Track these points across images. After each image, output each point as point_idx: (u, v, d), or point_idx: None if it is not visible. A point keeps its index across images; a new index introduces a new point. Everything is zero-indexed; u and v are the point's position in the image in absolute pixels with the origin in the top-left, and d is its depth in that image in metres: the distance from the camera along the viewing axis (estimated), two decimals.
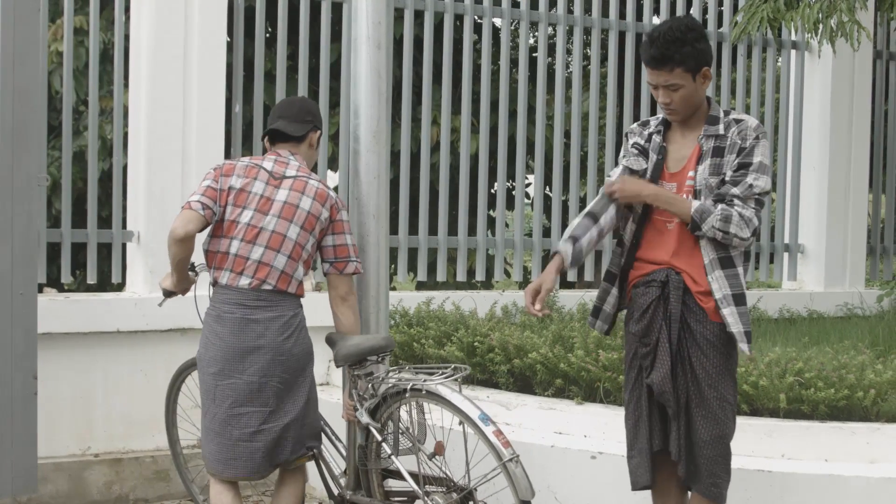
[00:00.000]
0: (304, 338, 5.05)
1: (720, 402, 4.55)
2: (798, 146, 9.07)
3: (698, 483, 4.58)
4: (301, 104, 5.29)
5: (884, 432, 5.56)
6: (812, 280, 9.10)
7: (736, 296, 4.55)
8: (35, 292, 5.23)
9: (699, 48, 4.54)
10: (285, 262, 4.95)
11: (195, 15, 7.10)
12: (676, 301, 4.59)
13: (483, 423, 4.59)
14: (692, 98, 4.60)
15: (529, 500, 4.52)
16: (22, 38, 5.10)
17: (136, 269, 7.13)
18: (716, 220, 4.48)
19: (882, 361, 6.13)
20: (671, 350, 4.57)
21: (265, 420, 4.91)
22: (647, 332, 4.64)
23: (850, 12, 7.02)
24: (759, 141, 4.57)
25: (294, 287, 5.00)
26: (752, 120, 4.62)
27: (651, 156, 4.73)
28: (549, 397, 6.24)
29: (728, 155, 4.58)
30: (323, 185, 5.12)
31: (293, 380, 4.98)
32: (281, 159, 5.11)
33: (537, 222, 8.51)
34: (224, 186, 4.99)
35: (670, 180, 4.68)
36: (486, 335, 6.69)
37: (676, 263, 4.62)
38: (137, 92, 7.13)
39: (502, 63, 8.36)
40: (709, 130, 4.63)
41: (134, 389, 6.82)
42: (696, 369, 4.55)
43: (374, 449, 5.04)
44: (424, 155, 8.04)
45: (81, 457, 6.73)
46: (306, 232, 5.00)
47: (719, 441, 4.56)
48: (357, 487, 5.15)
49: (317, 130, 5.27)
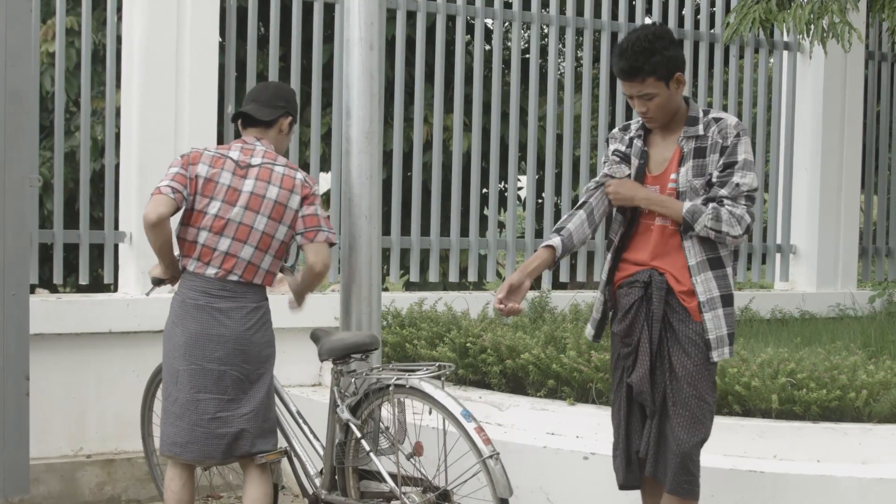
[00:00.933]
0: (268, 331, 5.09)
1: (698, 401, 4.55)
2: (790, 147, 9.08)
3: (671, 481, 4.57)
4: (275, 89, 5.30)
5: (876, 433, 5.56)
6: (804, 281, 9.11)
7: (724, 297, 4.56)
8: (27, 293, 5.22)
9: (668, 55, 4.54)
10: (252, 252, 4.99)
11: (187, 16, 7.10)
12: (659, 301, 4.60)
13: (465, 419, 4.60)
14: (668, 105, 4.61)
15: (507, 499, 4.53)
16: (14, 39, 5.09)
17: (128, 270, 7.12)
18: (707, 220, 4.49)
19: (874, 362, 6.14)
20: (651, 350, 4.59)
21: (223, 408, 4.96)
22: (628, 332, 4.66)
23: (842, 13, 7.03)
24: (740, 138, 4.58)
25: (261, 277, 5.04)
26: (730, 118, 4.63)
27: (633, 160, 4.73)
28: (541, 398, 6.24)
29: (710, 155, 4.58)
30: (290, 168, 5.11)
31: (253, 371, 5.02)
32: (247, 146, 5.13)
33: (530, 223, 8.51)
34: (192, 174, 5.03)
35: (653, 183, 4.68)
36: (479, 336, 6.69)
37: (659, 264, 4.63)
38: (130, 92, 7.12)
39: (494, 64, 8.36)
40: (688, 132, 4.62)
41: (126, 390, 6.80)
42: (675, 368, 4.55)
43: (352, 446, 5.04)
44: (417, 156, 8.03)
45: (73, 458, 6.72)
46: (275, 221, 5.02)
47: (693, 441, 4.56)
48: (332, 488, 5.14)
49: (288, 116, 5.25)
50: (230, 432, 4.97)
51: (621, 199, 4.68)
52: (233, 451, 5.01)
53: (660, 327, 4.59)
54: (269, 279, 5.08)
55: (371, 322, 5.41)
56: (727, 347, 4.57)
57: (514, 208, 8.40)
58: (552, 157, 8.37)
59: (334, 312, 6.27)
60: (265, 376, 5.07)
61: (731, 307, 4.58)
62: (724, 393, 5.80)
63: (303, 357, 6.71)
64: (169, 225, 4.97)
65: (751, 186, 4.55)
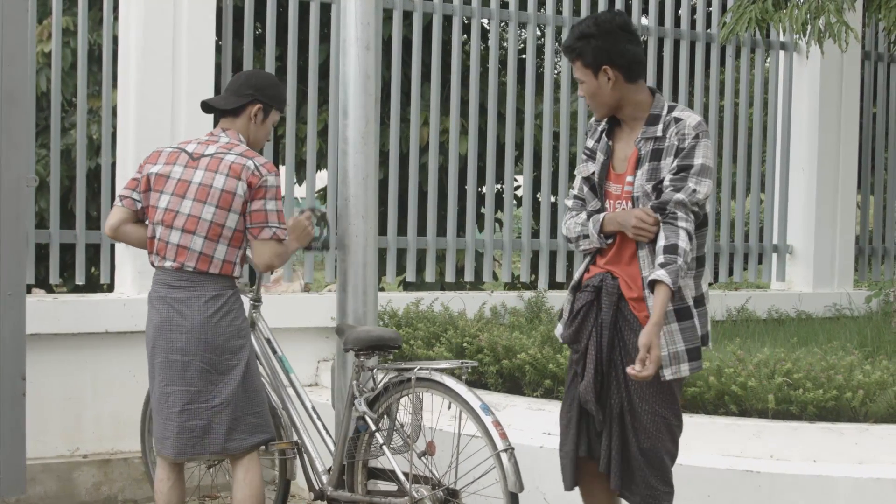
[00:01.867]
0: (234, 319, 5.00)
1: (652, 416, 4.36)
2: (786, 147, 9.08)
3: (635, 494, 4.43)
4: (245, 78, 5.24)
5: (872, 433, 5.57)
6: (801, 281, 9.11)
7: (679, 311, 4.33)
8: (23, 293, 5.22)
9: (598, 45, 4.37)
10: (202, 243, 4.95)
11: (184, 15, 7.09)
12: (608, 307, 4.42)
13: (484, 413, 4.65)
14: (598, 95, 4.44)
15: (517, 494, 4.54)
16: (11, 39, 5.09)
17: (124, 270, 7.12)
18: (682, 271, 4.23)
19: (870, 362, 6.14)
20: (598, 358, 4.42)
21: (190, 400, 4.93)
22: (575, 338, 4.51)
23: (838, 13, 7.04)
24: (699, 140, 4.33)
25: (217, 267, 4.97)
26: (692, 118, 4.38)
27: (598, 156, 4.55)
28: (537, 398, 6.24)
29: (666, 158, 4.35)
30: (244, 156, 5.00)
31: (221, 361, 4.95)
32: (211, 138, 5.12)
33: (526, 223, 8.51)
34: (144, 174, 5.07)
35: (616, 181, 4.50)
36: (475, 336, 6.69)
37: (614, 268, 4.45)
38: (126, 92, 7.12)
39: (491, 63, 8.36)
40: (647, 132, 4.41)
41: (123, 390, 6.80)
42: (628, 380, 4.35)
43: (366, 440, 5.06)
44: (413, 155, 8.03)
45: (70, 458, 6.71)
46: (223, 210, 4.95)
47: (652, 454, 4.38)
48: (339, 486, 5.16)
49: (256, 103, 5.14)
50: (199, 425, 4.93)
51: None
52: (206, 445, 4.96)
53: (610, 335, 4.41)
54: (229, 268, 4.99)
55: (367, 322, 5.41)
56: (685, 364, 4.33)
57: (510, 207, 8.40)
58: (549, 155, 8.36)
59: (331, 312, 6.28)
60: (237, 368, 4.97)
61: (689, 320, 4.34)
62: (721, 393, 5.80)
63: (299, 357, 6.70)
64: (131, 229, 5.12)
65: (706, 195, 4.31)
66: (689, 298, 4.36)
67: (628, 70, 4.42)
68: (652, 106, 4.45)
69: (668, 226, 4.28)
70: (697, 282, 4.41)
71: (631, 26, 4.47)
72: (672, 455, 4.45)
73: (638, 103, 4.46)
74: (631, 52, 4.42)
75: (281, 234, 5.01)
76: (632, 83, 4.45)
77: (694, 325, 4.36)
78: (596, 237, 4.48)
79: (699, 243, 4.40)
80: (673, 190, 4.30)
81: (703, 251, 4.44)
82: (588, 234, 4.51)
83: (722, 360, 6.00)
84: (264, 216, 4.97)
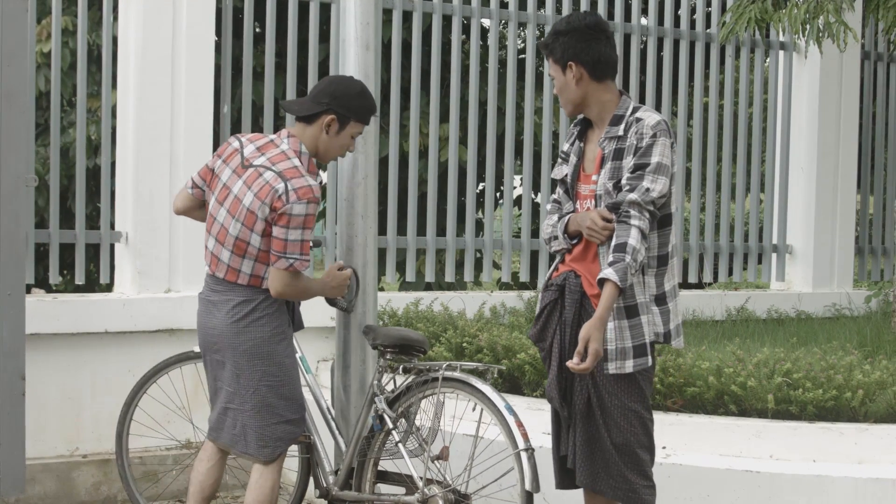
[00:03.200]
0: (263, 326, 4.93)
1: (622, 410, 4.43)
2: (786, 147, 9.08)
3: (613, 489, 4.49)
4: (326, 84, 5.06)
5: (872, 433, 5.57)
6: (800, 281, 9.11)
7: (628, 308, 4.40)
8: (23, 293, 5.22)
9: (566, 41, 4.50)
10: (229, 256, 4.93)
11: (183, 15, 7.09)
12: (571, 305, 4.51)
13: (507, 413, 4.73)
14: (565, 91, 4.56)
15: (534, 494, 4.61)
16: (10, 39, 5.09)
17: (124, 270, 7.12)
18: (632, 270, 4.30)
19: (870, 362, 6.15)
20: (561, 356, 4.50)
21: (229, 399, 5.00)
22: (540, 336, 4.62)
23: (837, 13, 7.04)
24: (657, 139, 4.39)
25: (245, 280, 4.93)
26: (652, 117, 4.45)
27: (571, 158, 4.64)
28: (537, 398, 6.25)
29: (626, 157, 4.43)
30: (281, 177, 4.81)
31: (249, 367, 4.92)
32: (272, 142, 4.97)
33: (526, 223, 8.52)
34: (212, 166, 5.08)
35: (584, 182, 4.58)
36: (475, 336, 6.69)
37: (578, 266, 4.54)
38: (125, 92, 7.12)
39: (490, 63, 8.36)
40: (610, 132, 4.50)
41: (122, 390, 6.74)
42: (595, 376, 4.43)
43: (381, 439, 5.11)
44: (413, 156, 8.03)
45: (69, 457, 6.71)
46: (247, 228, 4.86)
47: (624, 448, 4.45)
48: (345, 486, 5.20)
49: (331, 113, 4.94)
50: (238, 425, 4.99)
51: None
52: (244, 446, 5.01)
53: (573, 332, 4.46)
54: (257, 281, 4.93)
55: (367, 322, 5.41)
56: (630, 361, 4.39)
57: (510, 207, 8.40)
58: (548, 154, 8.36)
59: (330, 312, 6.27)
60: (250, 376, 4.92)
61: (636, 317, 4.41)
62: (721, 393, 5.81)
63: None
64: (196, 214, 5.21)
65: (661, 193, 4.36)
66: (641, 296, 4.42)
67: (593, 68, 4.52)
68: (617, 107, 4.54)
69: (622, 224, 4.36)
70: (659, 279, 4.48)
71: (601, 25, 4.57)
72: (647, 448, 4.51)
73: (604, 103, 4.56)
74: (597, 50, 4.52)
75: (299, 265, 4.85)
76: (598, 82, 4.54)
77: (640, 323, 4.41)
78: (562, 237, 4.59)
79: (662, 242, 4.47)
80: (628, 190, 4.37)
81: (666, 249, 4.48)
82: (557, 236, 4.61)
83: (722, 360, 6.01)
84: (283, 245, 4.81)
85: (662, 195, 4.37)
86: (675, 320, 4.52)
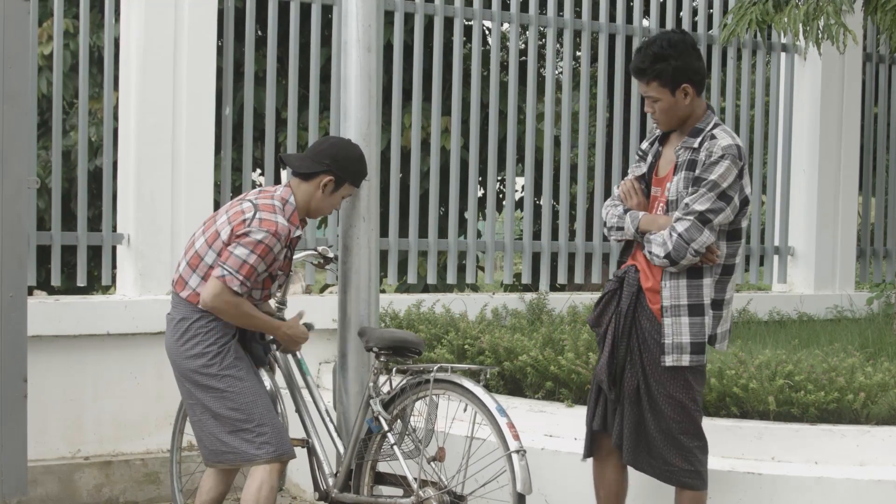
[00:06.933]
0: (196, 345, 4.96)
1: (667, 398, 4.72)
2: (788, 149, 9.08)
3: (650, 467, 4.78)
4: (329, 145, 5.15)
5: (874, 435, 5.56)
6: (802, 282, 9.11)
7: (692, 306, 4.69)
8: (25, 295, 5.23)
9: (676, 65, 4.68)
10: (185, 266, 5.04)
11: (185, 17, 7.09)
12: (627, 297, 4.80)
13: (499, 415, 4.78)
14: (672, 111, 4.75)
15: (526, 496, 4.64)
16: (12, 42, 5.10)
17: (125, 272, 7.12)
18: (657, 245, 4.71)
19: (872, 364, 6.14)
20: (614, 342, 4.78)
21: (192, 412, 5.08)
22: (597, 321, 4.93)
23: (836, 15, 7.04)
24: (722, 160, 4.64)
25: (186, 293, 4.99)
26: (725, 139, 4.68)
27: (649, 159, 4.92)
28: (539, 400, 6.24)
29: (696, 169, 4.69)
30: (252, 205, 4.94)
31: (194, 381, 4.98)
32: (269, 190, 5.13)
33: (528, 225, 8.51)
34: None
35: (656, 184, 4.86)
36: (477, 338, 6.69)
37: (638, 261, 4.83)
38: (127, 94, 7.12)
39: (492, 65, 8.36)
40: (687, 142, 4.74)
41: (124, 392, 6.81)
42: (644, 364, 4.73)
43: (377, 441, 5.13)
44: (415, 158, 8.03)
45: (71, 459, 6.71)
46: (206, 245, 4.98)
47: (666, 434, 4.73)
48: (345, 489, 5.21)
49: (329, 174, 5.04)
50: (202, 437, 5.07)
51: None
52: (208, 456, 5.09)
53: (627, 322, 4.77)
54: (194, 298, 4.95)
55: (369, 324, 5.41)
56: (686, 355, 4.68)
57: (512, 209, 8.39)
58: (550, 156, 8.36)
59: (332, 314, 6.27)
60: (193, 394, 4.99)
61: (700, 317, 4.69)
62: (722, 395, 5.80)
63: None
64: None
65: (704, 209, 4.62)
66: (707, 297, 4.72)
67: (700, 85, 4.78)
68: (702, 119, 4.79)
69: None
70: (720, 286, 4.77)
71: (696, 42, 4.88)
72: (692, 435, 4.78)
73: (698, 116, 4.81)
74: (702, 68, 4.81)
75: (230, 280, 4.84)
76: (699, 97, 4.82)
77: (703, 323, 4.70)
78: (632, 233, 4.84)
79: (730, 252, 4.76)
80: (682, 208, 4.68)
81: (733, 260, 4.80)
82: (622, 227, 4.87)
83: (723, 362, 6.00)
84: (226, 256, 4.87)
85: (710, 210, 4.61)
86: (723, 325, 4.81)
